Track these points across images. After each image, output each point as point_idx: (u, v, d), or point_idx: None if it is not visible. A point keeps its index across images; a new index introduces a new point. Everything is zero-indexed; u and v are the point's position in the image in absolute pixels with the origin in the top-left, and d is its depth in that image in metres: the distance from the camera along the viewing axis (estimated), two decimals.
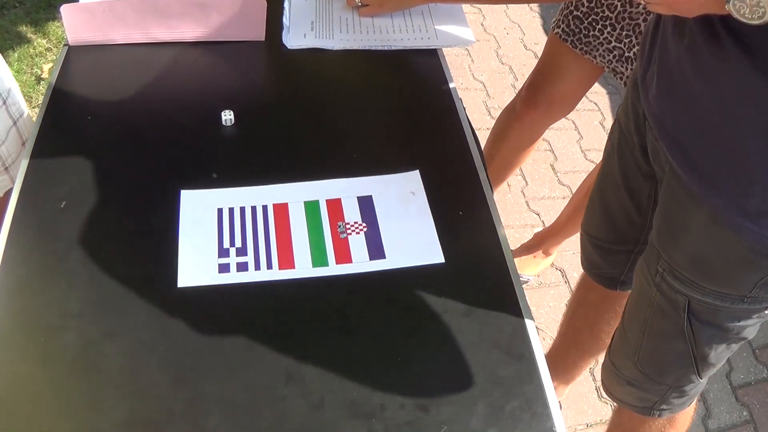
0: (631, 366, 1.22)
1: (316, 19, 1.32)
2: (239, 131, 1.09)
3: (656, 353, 1.16)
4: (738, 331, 1.05)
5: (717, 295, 1.00)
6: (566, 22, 1.54)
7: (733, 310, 1.01)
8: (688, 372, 1.15)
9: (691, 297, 1.03)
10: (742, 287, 0.97)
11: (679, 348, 1.11)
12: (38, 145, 1.05)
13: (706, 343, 1.08)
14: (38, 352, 0.81)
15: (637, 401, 1.28)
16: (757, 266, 0.93)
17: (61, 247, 0.91)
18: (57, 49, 2.66)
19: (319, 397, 0.79)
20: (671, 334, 1.10)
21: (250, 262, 0.92)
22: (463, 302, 0.90)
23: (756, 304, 0.99)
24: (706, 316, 1.04)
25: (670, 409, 1.26)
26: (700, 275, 1.00)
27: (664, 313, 1.09)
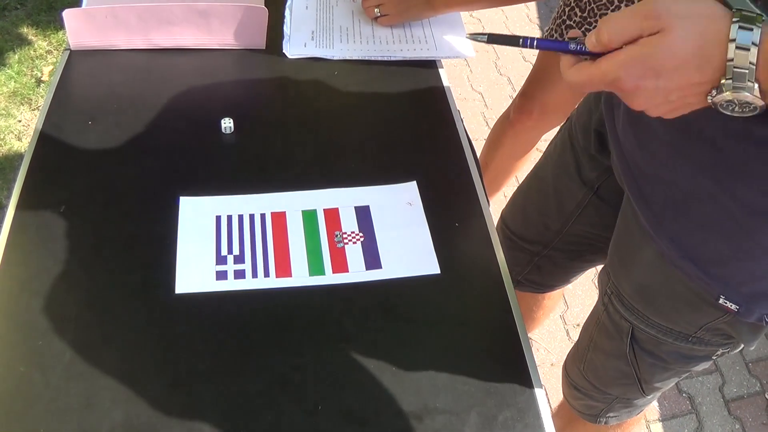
0: (578, 373, 1.22)
1: (317, 29, 1.33)
2: (239, 139, 1.10)
3: (600, 368, 1.16)
4: (683, 365, 1.04)
5: (660, 329, 0.98)
6: (559, 31, 1.55)
7: (677, 347, 0.99)
8: (632, 389, 1.14)
9: (635, 325, 1.01)
10: (686, 327, 0.95)
11: (621, 368, 1.10)
12: (38, 149, 1.05)
13: (649, 371, 1.07)
14: (36, 355, 0.81)
15: (584, 408, 1.28)
16: (701, 310, 0.91)
17: (60, 251, 0.92)
18: (57, 51, 2.66)
19: (313, 403, 0.80)
20: (614, 354, 1.09)
21: (248, 270, 0.92)
22: (457, 312, 0.91)
23: (701, 345, 0.97)
24: (649, 346, 1.03)
25: (618, 417, 1.25)
26: (644, 306, 0.98)
27: (609, 334, 1.08)
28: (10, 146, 2.35)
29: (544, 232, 1.25)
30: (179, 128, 1.11)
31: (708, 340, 0.97)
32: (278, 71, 1.25)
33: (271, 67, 1.26)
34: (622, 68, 0.64)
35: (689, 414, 1.96)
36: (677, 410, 1.97)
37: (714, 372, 2.06)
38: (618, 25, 0.64)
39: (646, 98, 0.65)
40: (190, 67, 1.23)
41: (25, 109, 2.48)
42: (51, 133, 1.08)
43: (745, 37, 0.59)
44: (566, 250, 1.25)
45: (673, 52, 0.61)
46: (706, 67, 0.61)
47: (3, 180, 2.25)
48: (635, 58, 0.63)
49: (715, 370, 2.06)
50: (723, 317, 0.90)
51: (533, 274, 1.36)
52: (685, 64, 0.61)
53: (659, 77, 0.63)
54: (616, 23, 0.64)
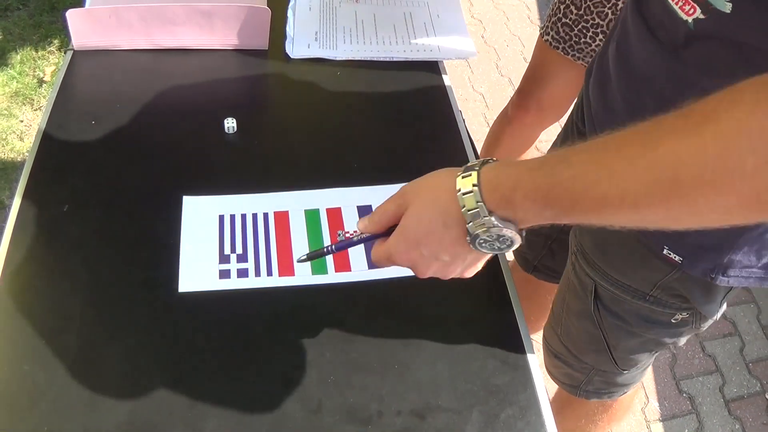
0: (555, 338, 1.24)
1: (320, 30, 1.33)
2: (242, 139, 1.11)
3: (573, 330, 1.18)
4: (645, 330, 1.06)
5: (619, 285, 1.01)
6: (555, 29, 1.55)
7: (637, 306, 1.02)
8: (605, 358, 1.16)
9: (597, 282, 1.04)
10: (643, 284, 0.98)
11: (590, 330, 1.12)
12: (42, 148, 1.06)
13: (615, 334, 1.10)
14: (39, 354, 0.82)
15: (564, 378, 1.30)
16: (652, 265, 0.94)
17: (64, 250, 0.92)
18: (59, 51, 2.67)
19: (316, 402, 0.80)
20: (582, 314, 1.12)
21: (251, 269, 0.93)
22: (459, 312, 0.91)
23: (659, 306, 1.00)
24: (611, 304, 1.05)
25: (597, 394, 1.27)
26: (604, 261, 1.01)
27: (576, 293, 1.11)
28: (12, 146, 2.35)
29: None
30: (182, 128, 1.11)
31: (665, 302, 0.99)
32: (281, 72, 1.26)
33: (273, 67, 1.26)
34: (392, 247, 0.74)
35: (689, 414, 1.97)
36: (677, 410, 1.97)
37: (714, 372, 2.06)
38: (381, 208, 0.76)
39: (425, 266, 0.75)
40: (192, 67, 1.23)
41: (27, 110, 2.48)
42: (54, 132, 1.08)
43: (466, 184, 0.67)
44: None
45: (418, 220, 0.72)
46: (449, 221, 0.70)
47: (5, 180, 2.25)
48: (397, 235, 0.74)
49: (716, 370, 2.07)
50: (672, 273, 0.93)
51: (548, 260, 1.39)
52: (433, 226, 0.71)
53: (420, 245, 0.72)
54: (380, 207, 0.76)
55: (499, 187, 0.66)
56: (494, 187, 0.66)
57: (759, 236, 0.84)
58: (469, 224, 0.68)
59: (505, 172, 0.67)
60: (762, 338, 2.16)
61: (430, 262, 0.74)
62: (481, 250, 0.70)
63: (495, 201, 0.66)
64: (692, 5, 0.73)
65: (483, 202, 0.66)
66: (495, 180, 0.66)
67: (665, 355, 2.09)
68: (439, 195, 0.71)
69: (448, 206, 0.69)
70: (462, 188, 0.68)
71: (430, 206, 0.71)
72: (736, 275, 0.89)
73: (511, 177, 0.66)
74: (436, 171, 0.75)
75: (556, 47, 1.57)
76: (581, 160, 0.61)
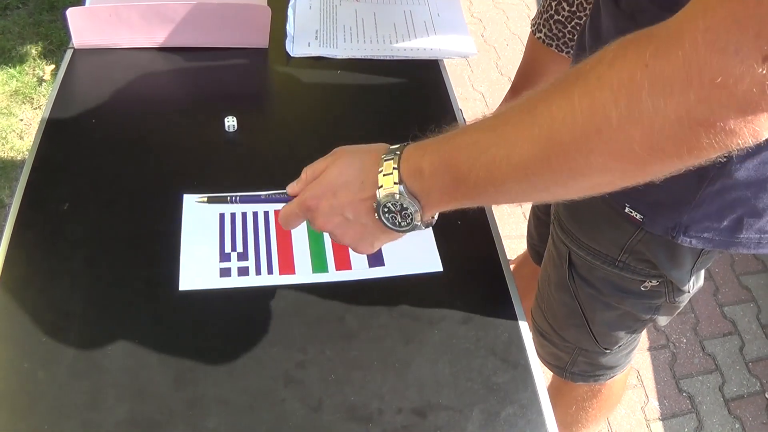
0: (540, 314, 1.25)
1: (321, 28, 1.33)
2: (242, 137, 1.11)
3: (554, 303, 1.19)
4: (618, 301, 1.07)
5: (590, 251, 1.02)
6: (548, 26, 1.55)
7: (607, 272, 1.03)
8: (584, 334, 1.16)
9: (570, 249, 1.06)
10: (610, 248, 0.99)
11: (568, 302, 1.13)
12: (42, 146, 1.06)
13: (590, 305, 1.10)
14: (40, 352, 0.82)
15: (550, 357, 1.30)
16: (619, 227, 0.95)
17: (64, 248, 0.92)
18: (59, 50, 2.67)
19: (317, 400, 0.80)
20: (560, 285, 1.13)
21: (251, 267, 0.93)
22: (460, 310, 0.91)
23: (628, 272, 1.01)
24: (583, 271, 1.07)
25: (583, 377, 1.28)
26: (575, 226, 1.03)
27: (554, 262, 1.13)
28: (12, 145, 2.35)
29: None
30: (182, 126, 1.11)
31: (633, 267, 1.00)
32: (281, 70, 1.26)
33: (273, 66, 1.26)
34: (308, 191, 0.77)
35: (689, 413, 1.97)
36: (677, 409, 1.97)
37: (714, 371, 2.07)
38: (311, 166, 0.79)
39: (326, 217, 0.76)
40: (192, 65, 1.23)
41: (27, 108, 2.48)
42: (54, 131, 1.08)
43: (391, 150, 0.72)
44: None
45: (340, 171, 0.75)
46: (367, 183, 0.73)
47: (5, 179, 2.25)
48: (315, 182, 0.77)
49: (715, 369, 2.07)
50: (636, 234, 0.94)
51: None
52: (352, 181, 0.74)
53: (333, 194, 0.75)
54: (312, 165, 0.79)
55: (414, 156, 0.69)
56: (410, 156, 0.70)
57: (717, 194, 0.84)
58: (379, 188, 0.71)
59: (424, 143, 0.70)
60: (762, 337, 2.16)
61: (334, 215, 0.76)
62: (383, 220, 0.73)
63: (408, 170, 0.69)
64: None
65: (398, 170, 0.70)
66: (413, 150, 0.70)
67: (665, 354, 2.09)
68: (367, 156, 0.74)
69: (370, 168, 0.73)
70: (386, 155, 0.72)
71: (356, 163, 0.75)
72: (697, 235, 0.89)
73: (425, 147, 0.69)
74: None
75: (549, 44, 1.57)
76: (478, 127, 0.65)
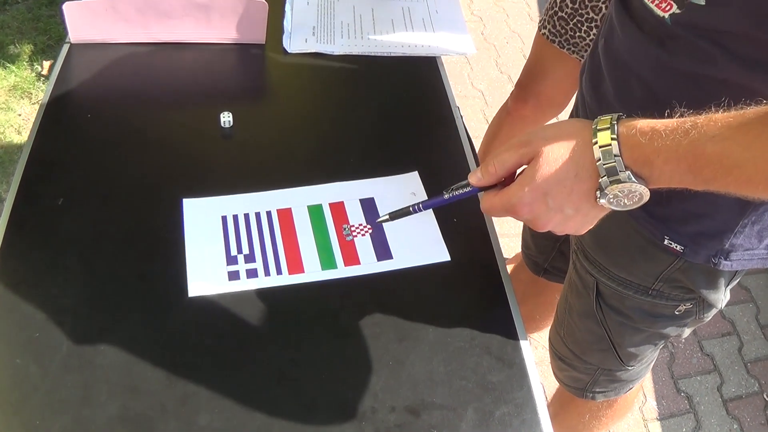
0: (559, 341, 1.24)
1: (318, 25, 1.33)
2: (238, 133, 1.10)
3: (576, 331, 1.18)
4: (649, 325, 1.06)
5: (621, 282, 1.01)
6: (552, 23, 1.56)
7: (639, 301, 1.01)
8: (610, 357, 1.15)
9: (598, 279, 1.04)
10: (644, 278, 0.98)
11: (594, 329, 1.12)
12: (37, 141, 1.05)
13: (619, 331, 1.09)
14: (33, 347, 0.81)
15: (570, 380, 1.29)
16: (654, 257, 0.94)
17: (58, 244, 0.92)
18: (58, 46, 2.66)
19: (310, 398, 0.80)
20: (585, 313, 1.12)
21: (260, 268, 0.92)
22: (455, 309, 0.91)
23: (662, 299, 0.99)
24: (613, 302, 1.05)
25: (604, 393, 1.27)
26: (605, 258, 1.01)
27: (578, 292, 1.11)
28: (10, 140, 2.35)
29: None
30: (178, 122, 1.11)
31: (668, 294, 0.98)
32: (278, 66, 1.25)
33: (270, 61, 1.26)
34: (514, 196, 0.72)
35: (687, 413, 1.96)
36: (675, 409, 1.97)
37: (712, 371, 2.06)
38: (500, 158, 0.74)
39: (547, 218, 0.73)
40: (189, 61, 1.23)
41: (26, 103, 2.48)
42: (50, 126, 1.08)
43: (604, 137, 0.67)
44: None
45: (548, 170, 0.69)
46: (582, 173, 0.69)
47: (3, 174, 2.25)
48: (522, 185, 0.72)
49: (714, 369, 2.07)
50: (675, 264, 0.92)
51: (558, 261, 1.39)
52: (564, 177, 0.69)
53: (547, 196, 0.71)
54: (497, 157, 0.74)
55: (640, 146, 0.66)
56: (634, 145, 0.66)
57: (759, 217, 0.85)
58: (603, 178, 0.67)
59: (646, 132, 0.66)
60: (761, 338, 2.16)
61: (553, 214, 0.73)
62: (608, 206, 0.70)
63: (633, 159, 0.67)
64: (667, 2, 0.74)
65: (621, 157, 0.66)
66: (635, 138, 0.66)
67: (663, 354, 2.08)
68: (573, 146, 0.69)
69: (582, 158, 0.69)
70: (599, 141, 0.67)
71: (563, 157, 0.70)
72: (738, 258, 0.89)
73: (653, 139, 0.65)
74: (562, 121, 0.74)
75: (552, 41, 1.58)
76: (723, 135, 0.62)
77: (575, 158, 0.69)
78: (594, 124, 0.69)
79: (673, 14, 0.74)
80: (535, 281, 1.51)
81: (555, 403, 1.49)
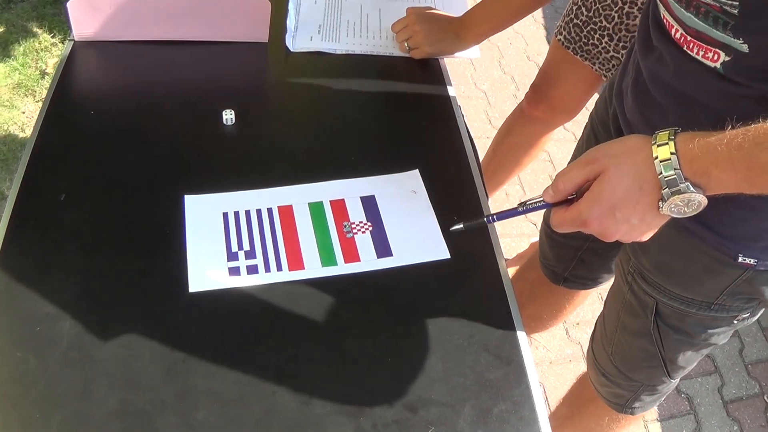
0: (605, 357, 1.24)
1: (324, 23, 1.33)
2: (239, 131, 1.10)
3: (627, 349, 1.18)
4: (706, 338, 1.07)
5: (683, 300, 1.02)
6: (567, 29, 1.56)
7: (701, 317, 1.03)
8: (658, 372, 1.16)
9: (658, 300, 1.05)
10: (708, 294, 0.99)
11: (646, 348, 1.13)
12: (40, 137, 1.06)
13: (674, 348, 1.10)
14: (33, 341, 0.82)
15: (611, 396, 1.30)
16: (721, 274, 0.95)
17: (60, 239, 0.92)
18: (62, 44, 2.67)
19: (308, 394, 0.80)
20: (639, 333, 1.12)
21: (260, 265, 0.92)
22: (454, 306, 0.91)
23: (723, 312, 1.01)
24: (673, 320, 1.06)
25: (642, 407, 1.28)
26: (666, 280, 1.02)
27: (634, 312, 1.11)
28: (13, 137, 2.36)
29: None
30: (180, 119, 1.11)
31: (729, 306, 1.00)
32: (280, 65, 1.26)
33: (272, 60, 1.26)
34: (584, 212, 0.77)
35: (687, 414, 1.96)
36: (675, 410, 1.96)
37: (713, 373, 2.06)
38: (568, 176, 0.79)
39: (615, 229, 0.78)
40: (191, 58, 1.23)
41: (29, 101, 2.48)
42: (53, 122, 1.08)
43: (664, 152, 0.73)
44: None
45: (615, 185, 0.75)
46: (646, 186, 0.74)
47: (6, 171, 2.25)
48: (591, 200, 0.77)
49: (714, 371, 2.06)
50: (743, 275, 0.94)
51: (579, 269, 1.40)
52: (629, 191, 0.75)
53: (615, 209, 0.76)
54: (565, 175, 0.79)
55: (698, 159, 0.71)
56: (692, 158, 0.71)
57: None
58: (665, 190, 0.73)
59: (703, 146, 0.71)
60: (762, 340, 2.16)
61: (620, 225, 0.78)
62: (670, 214, 0.75)
63: (692, 171, 0.72)
64: (714, 51, 0.78)
65: (680, 170, 0.72)
66: (692, 151, 0.71)
67: None
68: (636, 161, 0.75)
69: (644, 172, 0.74)
70: (659, 156, 0.73)
71: (628, 172, 0.75)
72: None
73: (710, 152, 0.70)
74: (624, 137, 0.80)
75: (567, 47, 1.58)
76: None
77: (639, 173, 0.74)
78: (654, 140, 0.74)
79: (724, 62, 0.78)
80: (544, 282, 1.52)
81: (572, 404, 1.50)
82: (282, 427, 0.77)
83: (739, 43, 0.74)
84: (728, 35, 0.75)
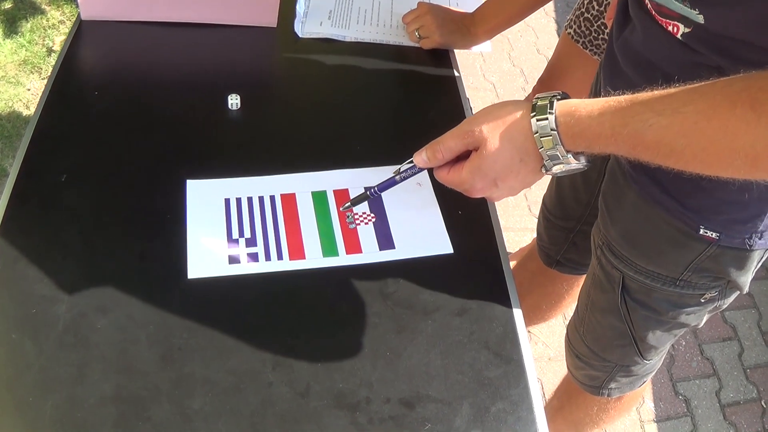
0: (578, 339, 1.25)
1: (335, 9, 1.32)
2: (245, 116, 1.09)
3: (598, 328, 1.18)
4: (674, 316, 1.06)
5: (648, 274, 1.01)
6: (578, 23, 1.56)
7: (667, 293, 1.02)
8: (630, 352, 1.16)
9: (624, 273, 1.05)
10: (673, 269, 0.99)
11: (616, 325, 1.13)
12: (44, 116, 1.05)
13: (643, 325, 1.10)
14: (29, 323, 0.81)
15: (585, 379, 1.30)
16: (684, 246, 0.95)
17: (59, 220, 0.92)
18: (70, 21, 2.65)
19: (304, 385, 0.80)
20: (608, 309, 1.12)
21: (260, 253, 0.91)
22: (455, 302, 0.90)
23: (689, 289, 1.00)
24: (640, 295, 1.06)
25: (619, 389, 1.28)
26: (632, 251, 1.02)
27: (603, 287, 1.11)
28: (18, 114, 2.35)
29: (575, 207, 1.29)
30: (185, 102, 1.10)
31: (695, 283, 0.99)
32: (288, 50, 1.24)
33: (281, 45, 1.25)
34: (467, 182, 0.81)
35: (684, 417, 1.96)
36: (672, 412, 1.96)
37: (712, 376, 2.05)
38: (445, 145, 0.82)
39: (498, 194, 0.83)
40: (199, 41, 1.22)
41: (35, 78, 2.47)
42: (56, 102, 1.07)
43: (544, 127, 0.74)
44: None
45: (494, 160, 0.77)
46: (527, 158, 0.77)
47: (10, 148, 2.25)
48: (472, 173, 0.80)
49: (713, 374, 2.06)
50: (706, 251, 0.94)
51: (571, 252, 1.40)
52: (510, 163, 0.77)
53: (497, 180, 0.80)
54: (443, 144, 0.82)
55: (579, 135, 0.73)
56: (574, 134, 0.73)
57: None
58: (547, 162, 0.76)
59: (583, 118, 0.72)
60: (761, 344, 2.15)
61: (503, 192, 0.82)
62: (554, 175, 0.79)
63: (573, 144, 0.74)
64: (674, 24, 0.78)
65: (561, 145, 0.74)
66: (574, 128, 0.73)
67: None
68: (514, 135, 0.76)
69: (524, 145, 0.76)
70: (539, 131, 0.74)
71: (506, 146, 0.77)
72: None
73: (592, 126, 0.72)
74: (501, 104, 0.79)
75: (576, 41, 1.58)
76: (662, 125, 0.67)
77: (518, 146, 0.76)
78: (533, 111, 0.74)
79: (684, 33, 0.78)
80: (544, 272, 1.52)
81: (561, 396, 1.50)
82: (277, 419, 0.77)
83: (695, 14, 0.73)
84: (686, 6, 0.74)
